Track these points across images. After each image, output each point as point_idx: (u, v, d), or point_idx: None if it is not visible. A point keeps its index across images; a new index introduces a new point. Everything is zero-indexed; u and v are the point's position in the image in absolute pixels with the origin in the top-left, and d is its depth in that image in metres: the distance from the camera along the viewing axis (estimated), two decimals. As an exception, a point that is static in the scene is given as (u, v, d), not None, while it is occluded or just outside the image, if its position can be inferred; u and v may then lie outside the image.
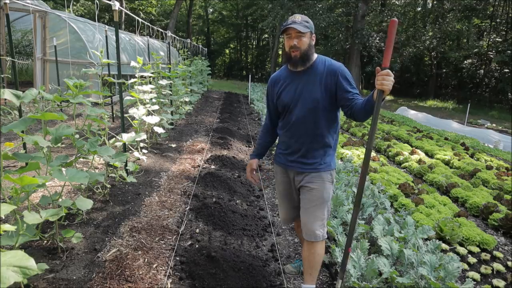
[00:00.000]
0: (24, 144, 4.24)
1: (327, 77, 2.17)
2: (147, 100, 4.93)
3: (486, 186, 5.03)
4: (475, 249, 3.23)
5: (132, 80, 4.95)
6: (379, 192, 3.90)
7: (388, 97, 23.73)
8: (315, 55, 2.25)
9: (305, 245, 2.32)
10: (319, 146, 2.24)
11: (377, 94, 1.83)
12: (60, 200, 2.52)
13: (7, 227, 1.52)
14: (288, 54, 2.20)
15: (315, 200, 2.23)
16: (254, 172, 2.56)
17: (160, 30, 9.69)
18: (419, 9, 25.47)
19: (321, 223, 2.24)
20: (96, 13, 4.82)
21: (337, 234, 2.83)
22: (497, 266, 3.02)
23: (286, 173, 2.38)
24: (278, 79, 2.36)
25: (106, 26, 7.58)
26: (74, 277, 2.36)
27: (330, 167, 2.27)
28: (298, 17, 2.16)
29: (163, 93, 6.33)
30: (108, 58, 6.33)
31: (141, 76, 5.09)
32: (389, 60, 1.79)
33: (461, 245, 3.34)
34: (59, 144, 2.46)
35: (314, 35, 2.21)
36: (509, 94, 21.81)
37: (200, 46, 21.11)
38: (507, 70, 21.33)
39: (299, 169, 2.28)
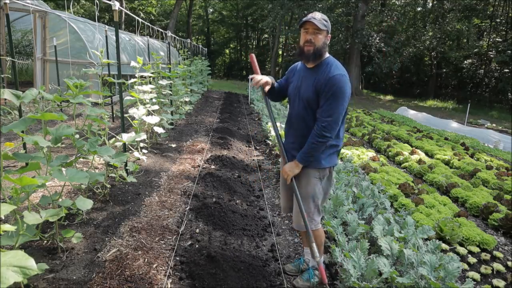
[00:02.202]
0: (24, 144, 4.24)
1: (321, 84, 2.20)
2: (147, 100, 4.93)
3: (486, 186, 5.03)
4: (475, 249, 3.23)
5: (132, 80, 4.95)
6: (379, 192, 3.90)
7: (388, 97, 23.73)
8: (327, 55, 2.30)
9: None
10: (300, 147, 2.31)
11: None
12: (60, 200, 2.52)
13: (7, 227, 1.52)
14: (301, 48, 2.25)
15: (300, 194, 2.31)
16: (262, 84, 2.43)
17: (160, 30, 9.69)
18: (419, 9, 25.48)
19: (308, 215, 2.33)
20: (96, 13, 4.82)
21: (337, 234, 2.83)
22: (497, 266, 3.02)
23: (286, 161, 2.47)
24: (295, 68, 2.49)
25: (106, 26, 7.58)
26: (74, 277, 2.36)
27: (319, 165, 2.31)
28: (318, 15, 2.20)
29: (163, 93, 6.33)
30: (108, 58, 6.33)
31: (141, 76, 5.09)
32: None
33: (461, 245, 3.34)
34: (59, 144, 2.46)
35: (329, 35, 2.26)
36: (509, 94, 21.81)
37: (200, 46, 21.11)
38: (507, 70, 21.33)
39: (292, 160, 2.37)
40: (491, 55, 22.15)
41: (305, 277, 2.56)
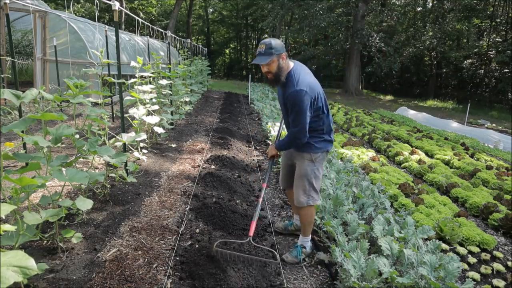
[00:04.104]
0: (24, 144, 4.24)
1: (286, 100, 2.68)
2: (147, 100, 4.92)
3: (486, 186, 5.03)
4: (475, 249, 3.23)
5: (132, 80, 4.95)
6: (379, 192, 3.90)
7: (388, 97, 23.73)
8: (291, 66, 2.66)
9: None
10: None
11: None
12: (60, 200, 2.52)
13: (7, 227, 1.52)
14: (265, 76, 2.69)
15: (297, 174, 2.83)
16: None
17: (160, 30, 9.68)
18: (419, 9, 25.49)
19: (303, 192, 2.79)
20: (96, 14, 4.83)
21: (337, 234, 2.83)
22: (497, 266, 3.02)
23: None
24: None
25: (106, 26, 7.58)
26: (74, 277, 2.36)
27: (310, 150, 2.75)
28: (262, 46, 2.57)
29: (163, 93, 6.33)
30: (108, 58, 6.32)
31: (141, 76, 5.09)
32: None
33: (461, 245, 3.34)
34: (59, 144, 2.46)
35: (283, 53, 2.59)
36: (509, 94, 21.81)
37: (200, 46, 21.11)
38: (507, 70, 21.32)
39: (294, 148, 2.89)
40: (491, 55, 22.15)
41: (293, 253, 2.90)
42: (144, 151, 4.72)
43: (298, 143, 2.69)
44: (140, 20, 6.66)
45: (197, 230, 3.18)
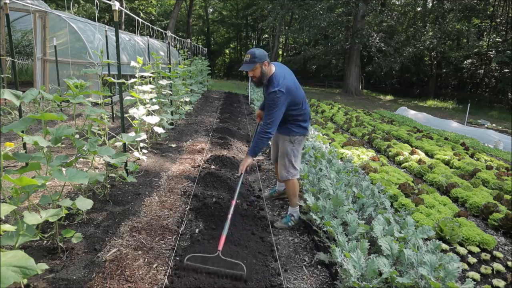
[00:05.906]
0: (24, 144, 4.24)
1: (267, 97, 3.15)
2: (147, 100, 4.92)
3: (486, 186, 5.03)
4: (475, 249, 3.23)
5: (132, 80, 4.94)
6: (379, 192, 3.89)
7: (388, 97, 23.73)
8: (272, 70, 3.17)
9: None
10: (280, 124, 3.24)
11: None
12: (60, 200, 2.52)
13: (7, 227, 1.52)
14: (251, 78, 3.21)
15: (280, 152, 3.45)
16: None
17: (160, 30, 9.69)
18: (419, 9, 25.50)
19: (284, 168, 3.39)
20: (96, 14, 4.83)
21: (337, 234, 2.83)
22: (497, 266, 3.02)
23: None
24: None
25: (106, 26, 7.58)
26: (74, 277, 2.36)
27: (290, 133, 3.35)
28: (247, 56, 3.09)
29: (163, 93, 6.32)
30: (108, 58, 6.33)
31: (141, 76, 5.09)
32: None
33: (461, 245, 3.34)
34: (59, 144, 2.46)
35: (266, 61, 3.08)
36: (509, 94, 21.82)
37: (200, 46, 21.10)
38: (507, 70, 21.33)
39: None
40: (491, 55, 22.15)
41: (284, 221, 3.46)
42: (144, 151, 4.72)
43: (267, 135, 3.09)
44: (140, 20, 6.66)
45: (197, 230, 3.18)
